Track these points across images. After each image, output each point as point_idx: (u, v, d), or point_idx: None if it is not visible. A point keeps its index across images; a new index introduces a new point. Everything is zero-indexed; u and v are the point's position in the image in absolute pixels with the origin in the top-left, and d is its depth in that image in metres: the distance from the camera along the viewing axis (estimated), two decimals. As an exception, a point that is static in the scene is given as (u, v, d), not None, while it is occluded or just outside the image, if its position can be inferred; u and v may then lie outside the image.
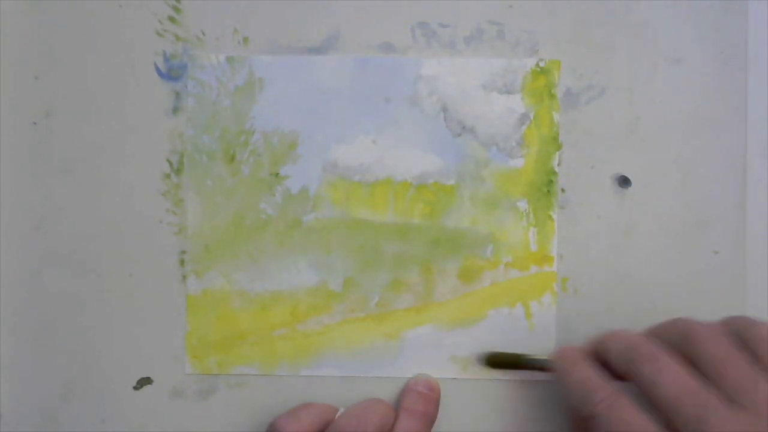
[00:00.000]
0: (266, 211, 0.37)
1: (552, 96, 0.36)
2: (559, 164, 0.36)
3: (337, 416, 0.34)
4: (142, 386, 0.37)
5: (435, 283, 0.36)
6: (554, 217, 0.36)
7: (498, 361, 0.36)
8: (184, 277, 0.37)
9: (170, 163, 0.37)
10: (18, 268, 0.37)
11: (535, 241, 0.36)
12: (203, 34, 0.37)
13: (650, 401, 0.29)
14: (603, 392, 0.30)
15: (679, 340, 0.30)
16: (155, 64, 0.37)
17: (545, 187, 0.36)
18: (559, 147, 0.36)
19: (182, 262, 0.37)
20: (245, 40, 0.37)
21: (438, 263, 0.36)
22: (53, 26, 0.37)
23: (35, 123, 0.37)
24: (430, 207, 0.36)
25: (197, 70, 0.37)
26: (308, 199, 0.36)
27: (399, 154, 0.36)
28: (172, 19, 0.37)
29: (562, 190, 0.36)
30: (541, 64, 0.36)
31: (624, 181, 0.36)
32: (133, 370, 0.37)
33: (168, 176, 0.37)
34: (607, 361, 0.31)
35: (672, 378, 0.29)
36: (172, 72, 0.37)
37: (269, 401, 0.36)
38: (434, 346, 0.36)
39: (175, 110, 0.37)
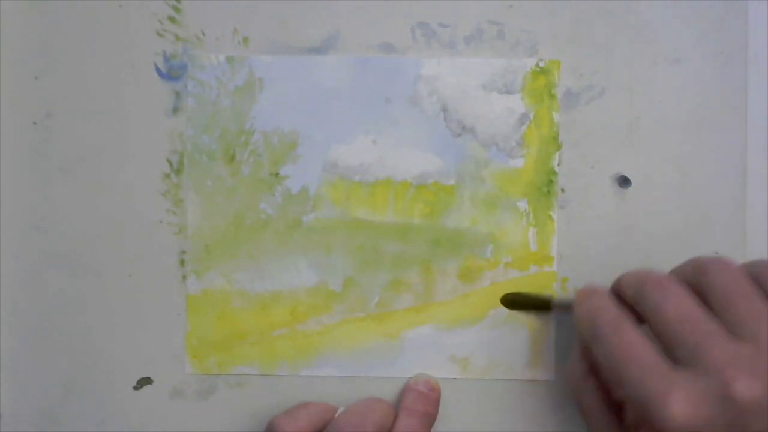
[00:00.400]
0: (266, 211, 0.37)
1: (552, 96, 0.36)
2: (559, 164, 0.36)
3: (336, 415, 0.34)
4: (142, 386, 0.37)
5: (435, 283, 0.36)
6: (554, 217, 0.36)
7: (519, 301, 0.36)
8: (184, 277, 0.37)
9: (170, 163, 0.37)
10: (18, 268, 0.37)
11: (535, 241, 0.36)
12: (203, 34, 0.37)
13: (653, 327, 0.28)
14: (608, 315, 0.29)
15: (693, 274, 0.29)
16: (155, 64, 0.37)
17: (545, 187, 0.36)
18: (559, 147, 0.36)
19: (182, 262, 0.37)
20: (245, 40, 0.37)
21: (438, 263, 0.36)
22: (53, 26, 0.37)
23: (35, 123, 0.37)
24: (430, 207, 0.36)
25: (197, 70, 0.37)
26: (308, 199, 0.36)
27: (399, 154, 0.36)
28: (172, 19, 0.37)
29: (562, 190, 0.36)
30: (541, 64, 0.36)
31: (624, 181, 0.36)
32: (133, 370, 0.37)
33: (168, 176, 0.37)
34: (622, 295, 0.31)
35: (676, 304, 0.28)
36: (172, 72, 0.37)
37: (269, 401, 0.36)
38: (434, 346, 0.36)
39: (175, 110, 0.37)
